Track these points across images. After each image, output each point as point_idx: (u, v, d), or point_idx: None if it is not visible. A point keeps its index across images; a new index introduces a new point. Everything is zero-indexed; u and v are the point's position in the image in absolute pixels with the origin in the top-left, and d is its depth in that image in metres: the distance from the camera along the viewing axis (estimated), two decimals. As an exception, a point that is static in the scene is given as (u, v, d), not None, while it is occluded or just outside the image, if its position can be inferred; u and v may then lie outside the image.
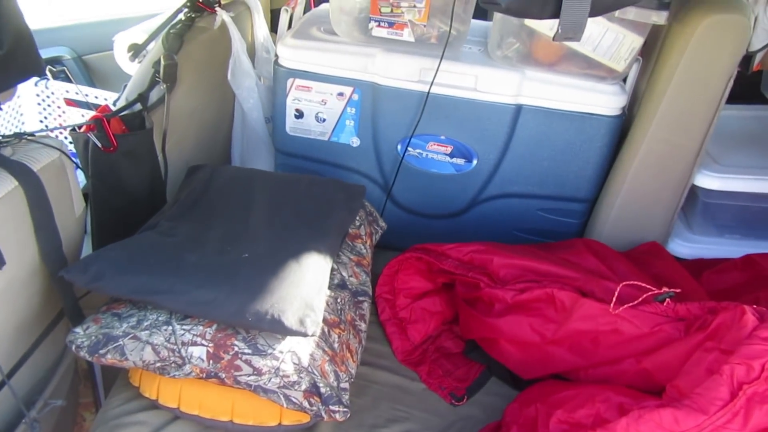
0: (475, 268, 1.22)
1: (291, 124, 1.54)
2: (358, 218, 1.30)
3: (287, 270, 1.01)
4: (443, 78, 1.40)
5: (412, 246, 1.34)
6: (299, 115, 1.52)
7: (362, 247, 1.24)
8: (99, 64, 2.26)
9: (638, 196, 1.44)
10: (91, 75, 2.32)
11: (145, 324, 0.98)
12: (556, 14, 0.93)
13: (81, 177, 1.22)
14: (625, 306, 1.05)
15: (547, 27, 1.35)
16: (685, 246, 1.54)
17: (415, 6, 1.39)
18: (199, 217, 1.14)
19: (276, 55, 1.51)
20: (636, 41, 1.34)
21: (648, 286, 1.06)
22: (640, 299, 1.05)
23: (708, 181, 1.41)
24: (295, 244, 1.06)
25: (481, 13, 1.55)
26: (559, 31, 0.93)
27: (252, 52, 1.79)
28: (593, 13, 0.93)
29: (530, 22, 1.36)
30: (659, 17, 1.26)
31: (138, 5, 2.31)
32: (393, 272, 1.32)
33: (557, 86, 1.40)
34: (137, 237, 1.10)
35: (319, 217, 1.16)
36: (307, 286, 1.00)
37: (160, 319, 0.99)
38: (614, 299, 1.05)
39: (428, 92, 1.40)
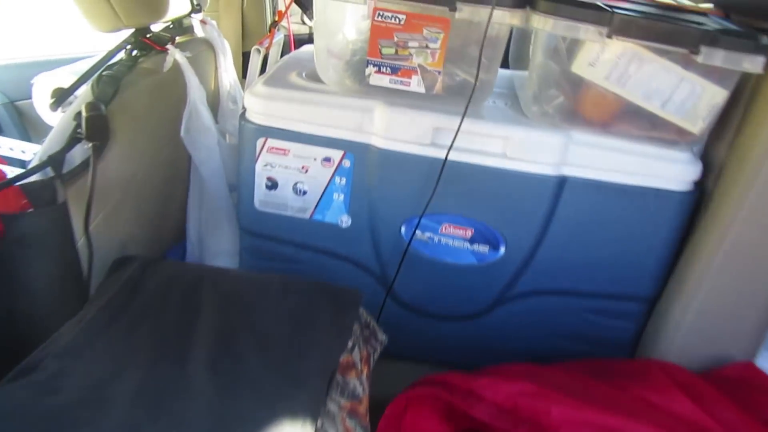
0: (523, 422, 0.83)
1: (261, 196, 1.17)
2: (351, 337, 0.92)
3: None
4: (463, 141, 1.06)
5: (427, 377, 0.97)
6: (272, 185, 1.16)
7: (357, 383, 0.86)
8: (35, 112, 1.89)
9: (721, 298, 1.08)
10: (25, 124, 1.95)
11: None
12: None
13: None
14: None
15: (602, 75, 1.02)
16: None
17: (427, 47, 1.05)
18: (110, 351, 0.75)
19: (243, 107, 1.16)
20: (718, 95, 1.01)
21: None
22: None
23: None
24: (255, 404, 0.68)
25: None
26: None
27: (215, 103, 1.44)
28: None
29: (580, 68, 1.02)
30: (754, 64, 0.94)
31: (84, 43, 1.96)
32: (399, 412, 0.94)
33: (613, 152, 1.06)
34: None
35: (296, 352, 0.78)
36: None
37: None
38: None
39: (445, 159, 1.05)
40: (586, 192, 1.08)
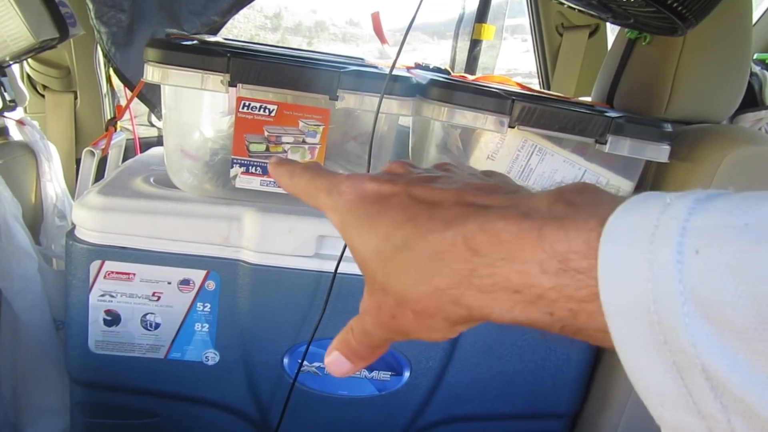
0: None
1: (98, 335, 0.90)
2: None
3: None
4: (354, 249, 0.89)
5: None
6: (112, 320, 0.90)
7: None
8: None
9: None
10: None
11: None
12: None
13: None
14: None
15: (502, 169, 0.91)
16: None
17: (304, 142, 0.89)
18: None
19: (72, 223, 0.91)
20: (623, 187, 0.95)
21: None
22: None
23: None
24: None
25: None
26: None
27: (36, 219, 1.16)
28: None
29: (479, 162, 0.91)
30: (659, 153, 0.88)
31: None
32: None
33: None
34: None
35: None
36: None
37: None
38: None
39: (335, 272, 0.87)
40: (495, 299, 0.95)
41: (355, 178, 0.31)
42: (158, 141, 1.74)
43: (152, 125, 1.76)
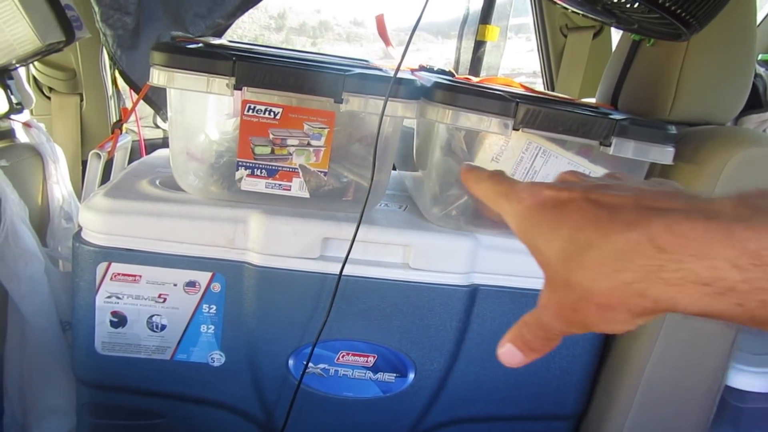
0: None
1: (104, 337, 0.91)
2: None
3: None
4: (359, 252, 0.89)
5: None
6: (119, 321, 0.90)
7: None
8: None
9: (655, 411, 0.97)
10: None
11: None
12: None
13: None
14: None
15: (507, 172, 0.91)
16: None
17: (309, 145, 0.90)
18: None
19: (78, 225, 0.91)
20: (627, 189, 0.95)
21: None
22: None
23: (741, 379, 0.99)
24: None
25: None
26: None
27: (42, 221, 1.17)
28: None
29: (483, 165, 0.91)
30: (664, 155, 0.88)
31: None
32: None
33: (525, 256, 0.94)
34: None
35: None
36: None
37: None
38: None
39: (340, 274, 0.87)
40: (499, 301, 0.95)
41: (534, 186, 0.34)
42: (163, 143, 1.75)
43: (157, 127, 1.77)
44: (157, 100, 1.41)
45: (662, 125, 0.87)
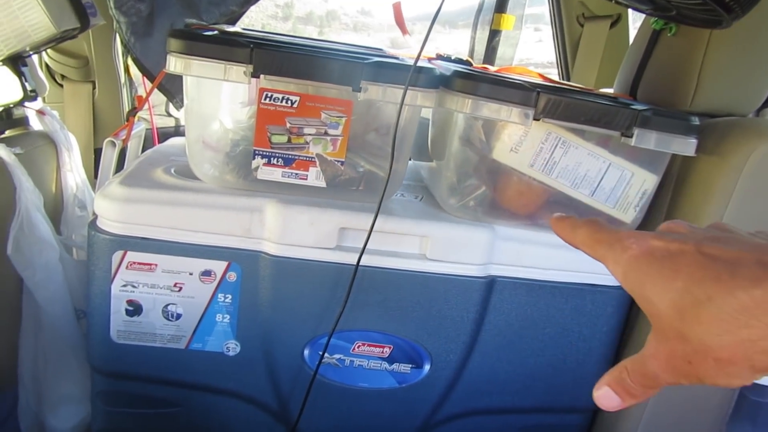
0: None
1: (120, 325, 0.91)
2: None
3: None
4: (376, 242, 0.89)
5: None
6: (134, 310, 0.90)
7: None
8: None
9: (672, 406, 0.96)
10: None
11: None
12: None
13: None
14: None
15: (525, 162, 0.90)
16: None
17: (326, 134, 0.89)
18: None
19: (93, 214, 0.91)
20: (648, 181, 0.93)
21: None
22: None
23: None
24: None
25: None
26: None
27: (57, 209, 1.16)
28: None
29: (502, 155, 0.90)
30: (686, 147, 0.87)
31: None
32: None
33: (543, 247, 0.94)
34: None
35: None
36: None
37: None
38: None
39: (357, 264, 0.87)
40: (516, 293, 0.94)
41: (640, 235, 0.34)
42: (175, 131, 1.75)
43: (170, 115, 1.77)
44: (171, 88, 1.40)
45: (685, 116, 0.86)
